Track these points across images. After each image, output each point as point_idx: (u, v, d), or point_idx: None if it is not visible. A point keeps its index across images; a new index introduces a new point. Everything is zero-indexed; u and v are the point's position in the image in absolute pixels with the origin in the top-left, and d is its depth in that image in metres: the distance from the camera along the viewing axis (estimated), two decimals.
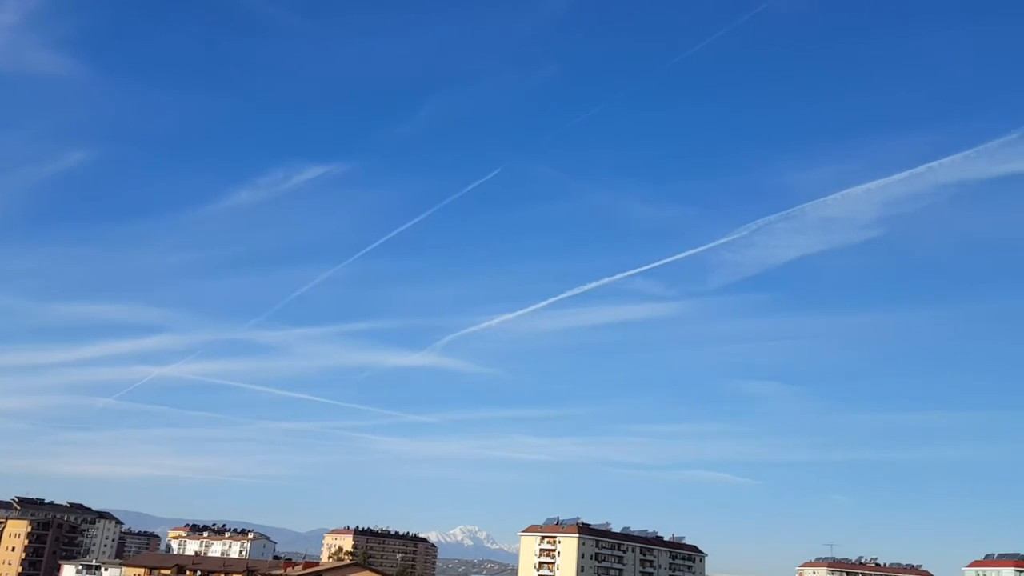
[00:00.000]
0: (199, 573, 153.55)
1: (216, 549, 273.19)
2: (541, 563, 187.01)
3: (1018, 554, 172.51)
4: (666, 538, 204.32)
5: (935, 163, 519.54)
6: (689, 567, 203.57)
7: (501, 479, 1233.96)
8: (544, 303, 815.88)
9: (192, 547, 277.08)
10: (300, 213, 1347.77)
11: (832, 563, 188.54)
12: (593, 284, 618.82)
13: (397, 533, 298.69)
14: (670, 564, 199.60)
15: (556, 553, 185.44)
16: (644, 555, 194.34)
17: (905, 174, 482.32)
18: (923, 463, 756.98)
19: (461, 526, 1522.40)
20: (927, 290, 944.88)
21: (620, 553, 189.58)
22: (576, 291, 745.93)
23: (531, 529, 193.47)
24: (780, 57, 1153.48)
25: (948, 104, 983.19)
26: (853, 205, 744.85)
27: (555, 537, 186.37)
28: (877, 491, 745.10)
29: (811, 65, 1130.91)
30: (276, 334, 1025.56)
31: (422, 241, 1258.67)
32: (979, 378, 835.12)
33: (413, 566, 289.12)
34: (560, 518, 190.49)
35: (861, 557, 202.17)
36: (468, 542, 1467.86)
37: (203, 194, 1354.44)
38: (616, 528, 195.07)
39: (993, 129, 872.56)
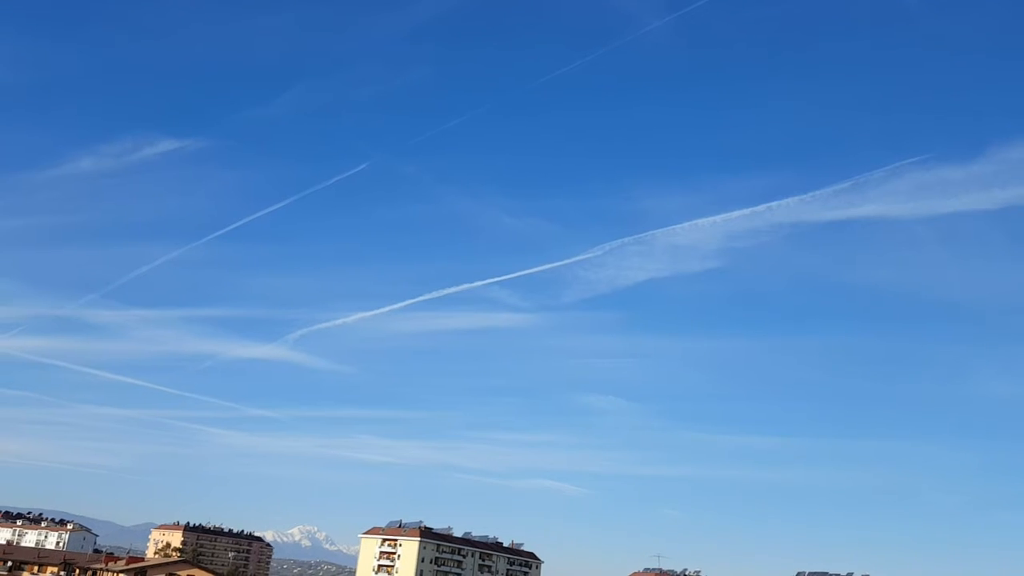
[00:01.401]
0: (10, 564, 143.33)
1: (30, 539, 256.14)
2: (380, 566, 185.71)
3: (827, 573, 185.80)
4: (506, 544, 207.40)
5: (773, 203, 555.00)
6: (526, 573, 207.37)
7: (345, 479, 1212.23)
8: (401, 304, 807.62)
9: (3, 535, 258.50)
10: (148, 187, 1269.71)
11: (659, 573, 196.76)
12: (452, 289, 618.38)
13: (231, 531, 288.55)
14: (507, 570, 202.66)
15: (396, 556, 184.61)
16: (483, 560, 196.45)
17: (747, 211, 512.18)
18: (751, 482, 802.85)
19: (300, 526, 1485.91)
20: (761, 321, 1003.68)
21: (460, 558, 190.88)
22: (434, 295, 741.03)
23: (372, 531, 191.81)
24: (645, 87, 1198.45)
25: (789, 149, 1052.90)
26: (699, 235, 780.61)
27: (396, 540, 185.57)
28: (706, 507, 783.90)
29: (670, 98, 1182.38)
30: (111, 314, 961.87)
31: (279, 230, 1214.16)
32: (804, 406, 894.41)
33: (246, 566, 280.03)
34: (403, 521, 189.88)
35: (686, 569, 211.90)
36: (306, 543, 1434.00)
37: (38, 156, 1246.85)
38: (458, 533, 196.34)
39: (828, 177, 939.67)
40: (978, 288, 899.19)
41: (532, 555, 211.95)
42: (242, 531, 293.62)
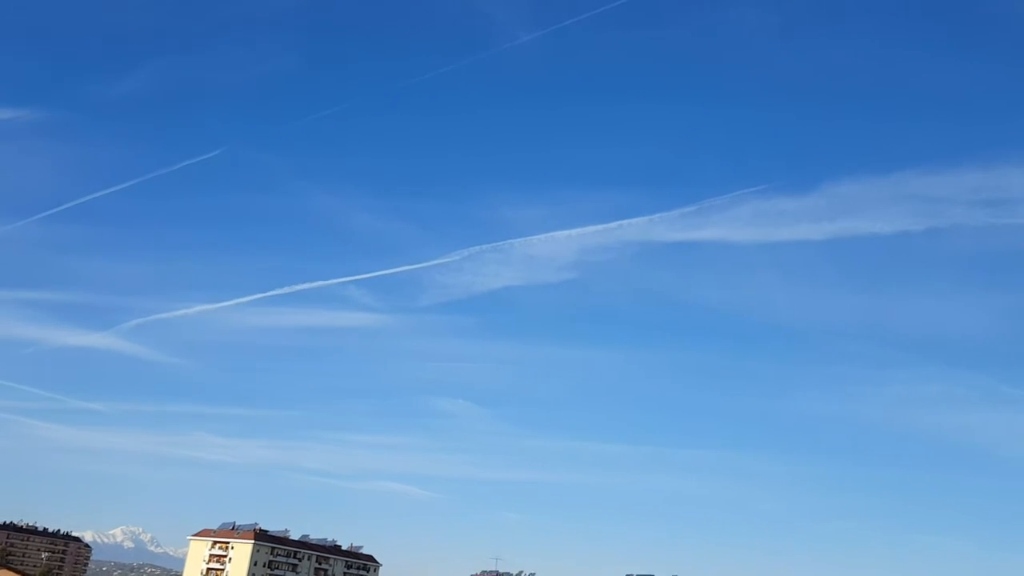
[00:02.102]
0: None
1: None
2: (209, 569, 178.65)
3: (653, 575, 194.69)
4: (344, 547, 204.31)
5: (624, 222, 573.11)
6: None
7: (177, 478, 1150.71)
8: (250, 298, 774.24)
9: None
10: None
11: (496, 575, 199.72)
12: (304, 285, 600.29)
13: (45, 530, 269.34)
14: (344, 573, 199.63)
15: (227, 559, 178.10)
16: (320, 564, 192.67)
17: (600, 227, 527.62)
18: (592, 487, 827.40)
19: (123, 526, 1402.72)
20: (609, 333, 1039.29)
21: (295, 561, 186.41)
22: (285, 290, 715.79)
23: (203, 533, 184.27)
24: (511, 98, 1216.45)
25: (643, 170, 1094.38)
26: (555, 247, 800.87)
27: (228, 543, 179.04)
28: (548, 510, 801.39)
29: (535, 112, 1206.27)
30: None
31: (120, 212, 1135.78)
32: (646, 417, 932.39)
33: (61, 567, 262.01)
34: (237, 523, 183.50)
35: (522, 571, 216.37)
36: (129, 544, 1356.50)
37: None
38: (295, 536, 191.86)
39: (675, 200, 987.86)
40: (803, 312, 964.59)
41: (371, 558, 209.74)
42: (58, 530, 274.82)
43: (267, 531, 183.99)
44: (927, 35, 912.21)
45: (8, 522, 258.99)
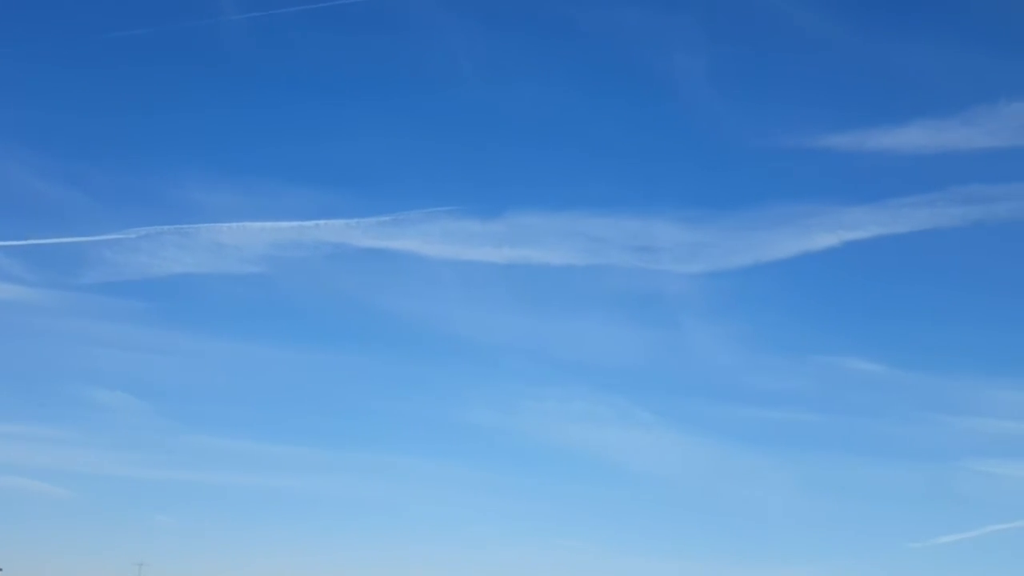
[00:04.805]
0: None
1: None
2: None
3: None
4: None
5: (321, 222, 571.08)
6: None
7: None
8: None
9: None
10: None
11: None
12: None
13: None
14: None
15: None
16: None
17: (295, 224, 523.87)
18: (252, 488, 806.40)
19: None
20: (294, 332, 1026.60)
21: None
22: None
23: None
24: (208, 74, 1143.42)
25: (344, 173, 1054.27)
26: (245, 238, 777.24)
27: None
28: (203, 513, 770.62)
29: (233, 93, 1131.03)
30: None
31: None
32: (321, 419, 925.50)
33: None
34: None
35: None
36: None
37: None
38: None
39: (373, 207, 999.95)
40: (479, 328, 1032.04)
41: None
42: None
43: None
44: (609, 88, 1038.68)
45: None
